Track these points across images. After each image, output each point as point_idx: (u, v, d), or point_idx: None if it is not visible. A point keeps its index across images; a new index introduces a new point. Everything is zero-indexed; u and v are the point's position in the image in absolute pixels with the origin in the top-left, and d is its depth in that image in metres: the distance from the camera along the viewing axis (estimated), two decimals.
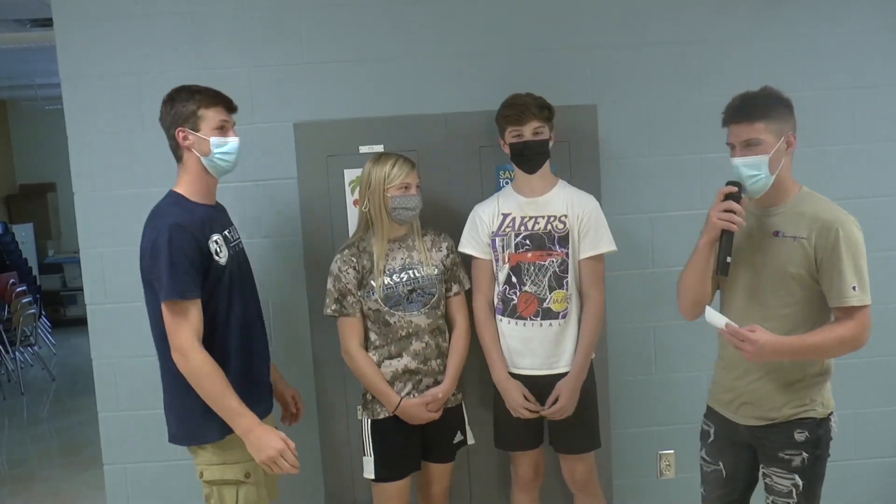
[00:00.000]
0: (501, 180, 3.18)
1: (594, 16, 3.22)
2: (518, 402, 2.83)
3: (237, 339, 2.49)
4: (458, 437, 2.92)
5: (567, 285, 2.84)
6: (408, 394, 2.77)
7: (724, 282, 2.40)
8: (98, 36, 3.10)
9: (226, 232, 2.54)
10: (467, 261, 2.96)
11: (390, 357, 2.78)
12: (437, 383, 2.81)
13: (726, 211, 2.22)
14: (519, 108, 2.79)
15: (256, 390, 2.55)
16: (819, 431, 2.30)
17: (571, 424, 2.89)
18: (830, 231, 2.18)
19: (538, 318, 2.83)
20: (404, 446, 2.82)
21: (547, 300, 2.83)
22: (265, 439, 2.35)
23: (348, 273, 2.76)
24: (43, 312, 8.59)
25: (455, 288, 2.90)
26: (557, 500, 3.24)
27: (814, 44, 3.30)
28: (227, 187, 3.11)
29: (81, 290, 3.28)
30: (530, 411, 2.84)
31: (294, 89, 3.17)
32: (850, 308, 2.20)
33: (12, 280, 8.22)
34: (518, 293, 2.84)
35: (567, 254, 2.83)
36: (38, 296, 8.53)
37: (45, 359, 7.70)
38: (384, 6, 3.16)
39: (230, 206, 3.13)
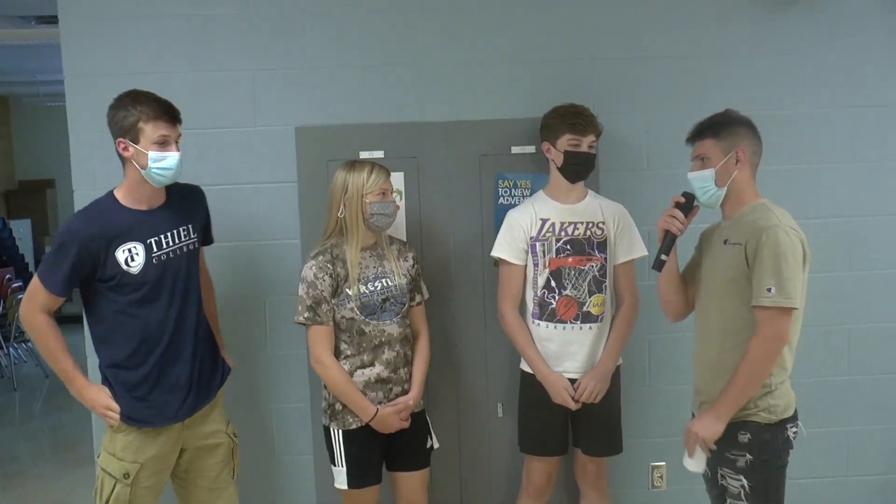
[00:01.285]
0: (501, 189, 3.19)
1: (596, 28, 3.24)
2: (563, 396, 2.86)
3: (147, 346, 2.54)
4: (429, 443, 2.91)
5: (606, 289, 2.91)
6: (379, 402, 2.76)
7: (693, 289, 2.61)
8: (103, 35, 3.11)
9: (154, 239, 2.54)
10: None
11: (363, 366, 2.75)
12: (403, 392, 2.80)
13: (671, 216, 2.49)
14: (585, 118, 2.85)
15: (174, 393, 2.59)
16: (764, 436, 2.35)
17: (601, 427, 2.95)
18: (759, 237, 2.29)
19: (578, 322, 2.88)
20: (374, 454, 2.80)
21: (587, 304, 2.88)
22: (95, 397, 2.55)
23: (324, 280, 2.71)
24: None
25: (418, 298, 2.90)
26: (562, 500, 3.25)
27: (813, 61, 3.32)
28: (227, 189, 3.14)
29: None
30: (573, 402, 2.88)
31: (297, 93, 3.18)
32: (764, 310, 2.27)
33: (8, 275, 8.22)
34: (557, 297, 2.88)
35: (606, 259, 2.90)
36: None
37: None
38: (389, 14, 3.18)
39: (229, 207, 3.15)
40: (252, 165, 3.18)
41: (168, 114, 2.50)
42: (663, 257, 2.52)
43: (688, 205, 2.50)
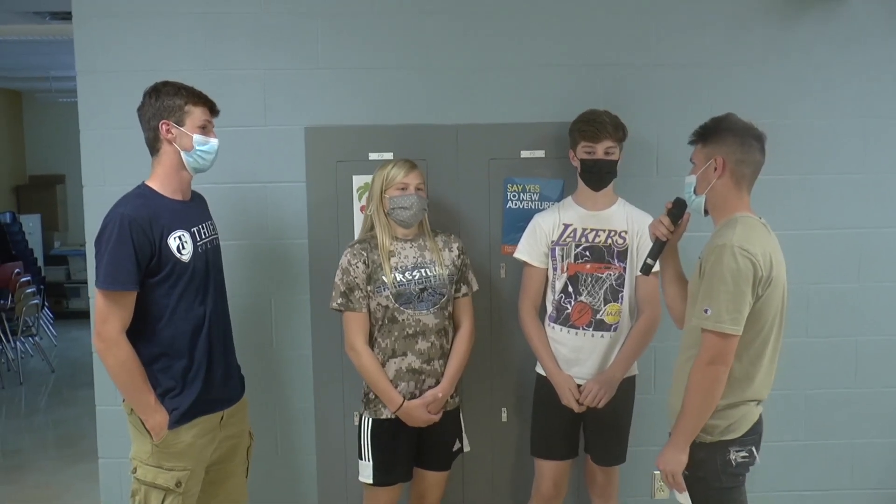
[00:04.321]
0: (509, 193, 3.19)
1: (607, 35, 3.24)
2: (567, 396, 2.86)
3: (195, 338, 2.48)
4: (457, 446, 2.91)
5: (622, 299, 2.89)
6: (410, 393, 2.77)
7: None
8: (116, 32, 3.12)
9: (195, 229, 2.53)
10: (478, 264, 2.99)
11: (395, 356, 2.76)
12: (437, 384, 2.81)
13: (659, 221, 2.46)
14: (596, 125, 2.85)
15: (212, 388, 2.52)
16: (700, 454, 2.29)
17: (608, 435, 2.96)
18: (710, 255, 2.22)
19: (590, 329, 2.88)
20: (403, 451, 2.81)
21: (601, 312, 2.88)
22: (163, 422, 2.42)
23: (358, 267, 2.74)
24: (46, 303, 8.61)
25: (464, 289, 2.91)
26: None
27: (825, 72, 3.31)
28: (235, 187, 3.15)
29: (85, 283, 3.29)
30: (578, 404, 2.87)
31: (307, 94, 3.18)
32: (704, 332, 2.21)
33: (17, 270, 8.23)
34: (573, 302, 2.88)
35: (625, 269, 2.89)
36: (41, 287, 8.54)
37: (45, 350, 7.70)
38: (400, 16, 3.18)
39: (237, 205, 3.17)
40: (261, 164, 3.19)
41: (210, 102, 2.55)
42: (649, 261, 2.49)
43: (677, 210, 2.44)
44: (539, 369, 3.00)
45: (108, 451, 3.24)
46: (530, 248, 2.95)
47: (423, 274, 2.78)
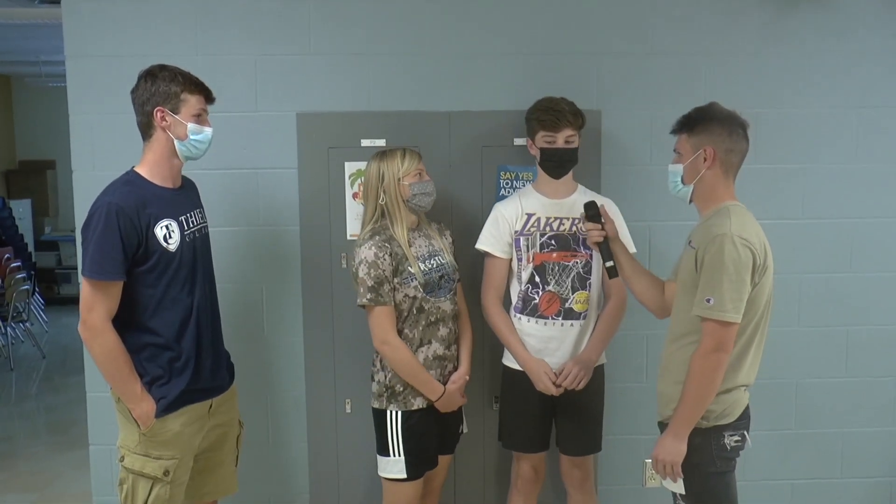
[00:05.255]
0: (502, 181, 3.18)
1: (603, 22, 3.22)
2: (544, 381, 2.82)
3: (183, 328, 2.46)
4: (461, 427, 2.93)
5: (590, 287, 2.88)
6: (436, 380, 2.76)
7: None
8: (105, 15, 3.09)
9: (183, 217, 2.49)
10: (470, 252, 2.98)
11: (421, 345, 2.75)
12: (454, 368, 2.83)
13: (589, 230, 2.64)
14: (556, 113, 2.81)
15: (200, 377, 2.50)
16: (696, 440, 2.30)
17: (582, 426, 2.93)
18: (710, 244, 2.23)
19: (559, 318, 2.86)
20: (432, 439, 2.79)
21: (569, 300, 2.86)
22: (150, 411, 2.40)
23: (385, 259, 2.68)
24: (37, 289, 8.57)
25: (457, 275, 2.91)
26: (550, 500, 3.25)
27: (820, 61, 3.30)
28: (226, 173, 3.13)
29: (76, 268, 3.27)
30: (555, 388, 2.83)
31: (299, 79, 3.16)
32: (704, 321, 2.23)
33: (7, 255, 8.20)
34: (541, 292, 2.86)
35: (591, 255, 2.87)
36: (32, 272, 8.50)
37: (36, 336, 7.68)
38: (393, 2, 3.15)
39: (228, 192, 3.15)
40: (252, 150, 3.17)
41: (207, 90, 2.51)
42: (608, 264, 2.60)
43: (592, 213, 2.63)
44: (506, 360, 2.98)
45: (99, 438, 3.24)
46: (494, 239, 2.91)
47: (439, 262, 2.79)
